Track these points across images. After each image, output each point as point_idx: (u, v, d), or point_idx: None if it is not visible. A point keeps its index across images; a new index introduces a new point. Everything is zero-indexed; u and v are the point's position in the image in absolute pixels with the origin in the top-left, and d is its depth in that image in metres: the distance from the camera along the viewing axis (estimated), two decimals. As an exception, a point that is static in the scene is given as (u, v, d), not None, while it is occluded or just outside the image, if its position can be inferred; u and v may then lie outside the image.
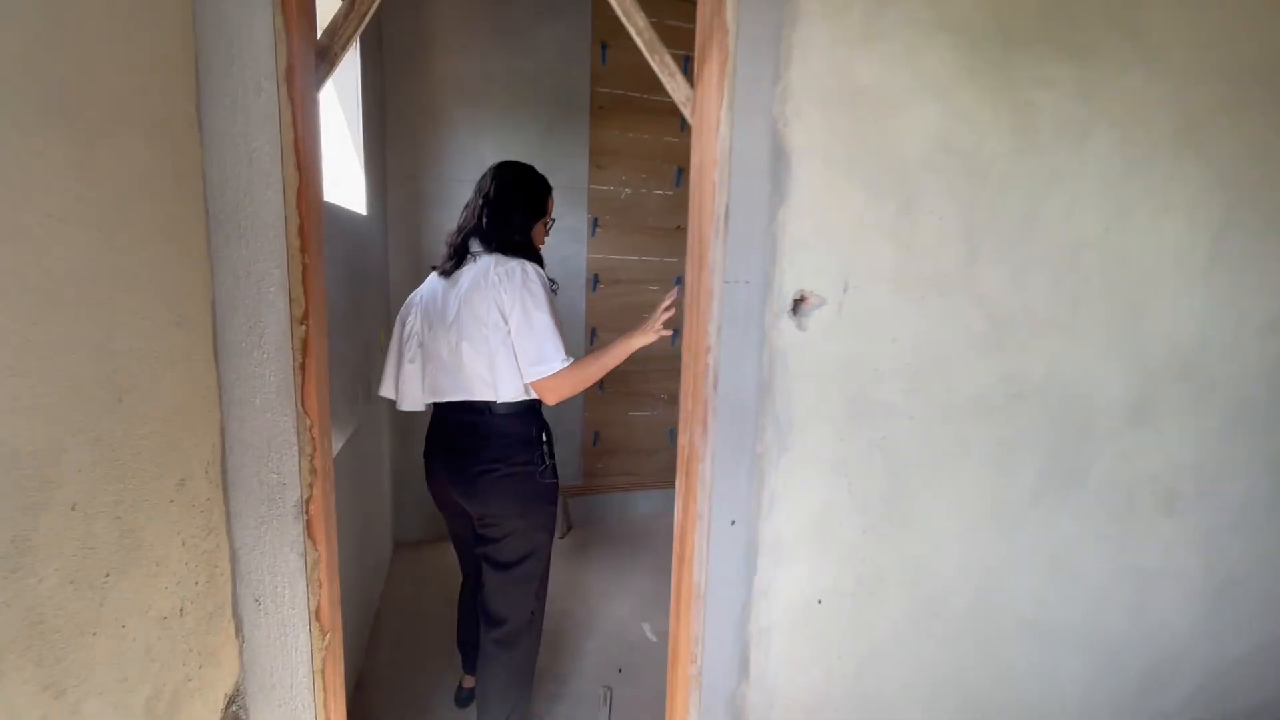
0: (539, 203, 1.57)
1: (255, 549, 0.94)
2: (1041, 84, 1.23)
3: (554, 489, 1.54)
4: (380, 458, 2.44)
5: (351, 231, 1.87)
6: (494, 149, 2.64)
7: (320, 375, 0.98)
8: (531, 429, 1.49)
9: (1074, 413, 1.38)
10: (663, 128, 2.83)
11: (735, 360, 1.14)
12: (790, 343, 1.17)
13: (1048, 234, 1.29)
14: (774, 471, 1.21)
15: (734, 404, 1.15)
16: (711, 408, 1.14)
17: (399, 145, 2.53)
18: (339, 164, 1.99)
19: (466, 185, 2.72)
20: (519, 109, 2.64)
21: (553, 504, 1.54)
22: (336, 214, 1.65)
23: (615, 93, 2.76)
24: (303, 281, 0.92)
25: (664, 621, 2.32)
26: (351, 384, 1.82)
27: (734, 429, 1.16)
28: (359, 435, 1.95)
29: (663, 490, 3.13)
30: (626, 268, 2.88)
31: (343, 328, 1.72)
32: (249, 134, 0.86)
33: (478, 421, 1.47)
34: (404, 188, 2.56)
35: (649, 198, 2.87)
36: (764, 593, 1.24)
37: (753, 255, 1.12)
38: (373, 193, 2.22)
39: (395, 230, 2.58)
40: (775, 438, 1.19)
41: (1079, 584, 1.47)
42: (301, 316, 0.92)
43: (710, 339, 1.12)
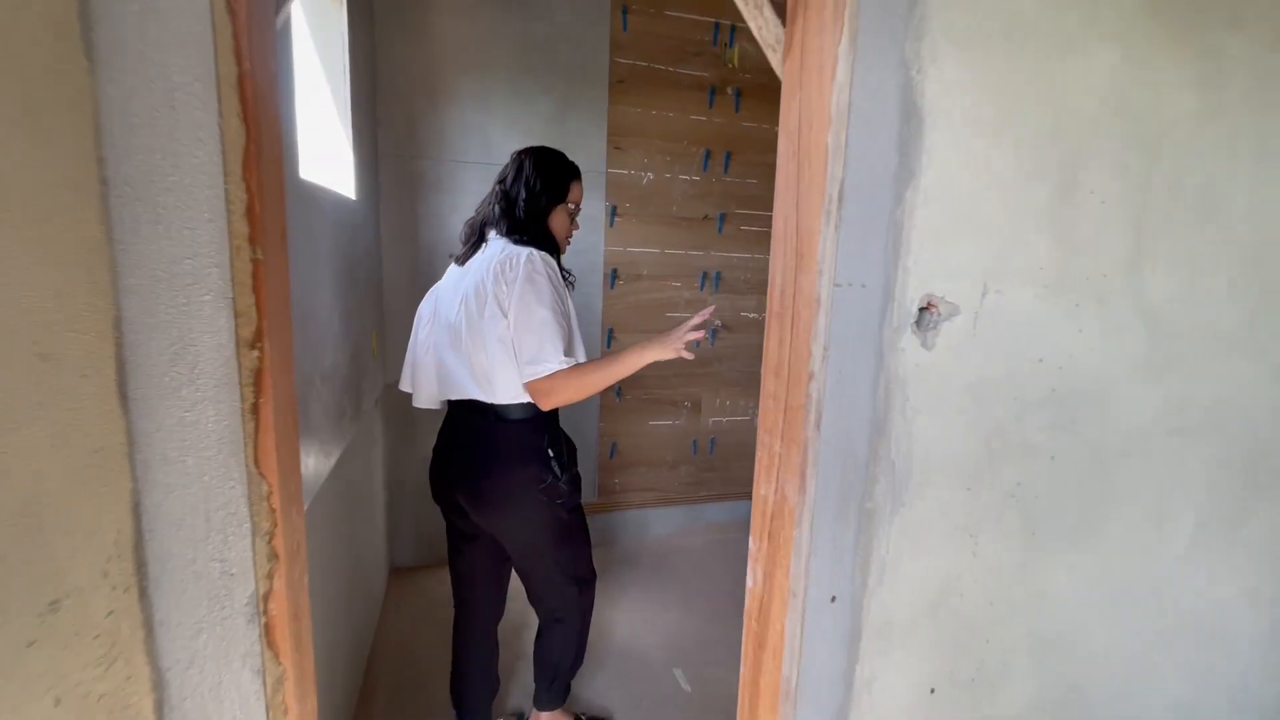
0: (558, 185, 1.41)
1: (192, 667, 0.66)
2: (1232, 26, 0.94)
3: (566, 509, 1.41)
4: (373, 476, 2.15)
5: (340, 219, 1.58)
6: (503, 126, 2.34)
7: (284, 418, 0.69)
8: (541, 439, 1.36)
9: (1242, 452, 1.10)
10: (689, 104, 2.53)
11: (844, 391, 0.85)
12: (913, 366, 0.88)
13: (1226, 225, 1.01)
14: (886, 534, 0.93)
15: (840, 448, 0.87)
16: (812, 454, 0.85)
17: (392, 119, 2.23)
18: (321, 136, 1.69)
19: (469, 167, 2.44)
20: (529, 79, 2.34)
21: (565, 521, 1.42)
22: (321, 197, 1.35)
23: (637, 64, 2.45)
24: (254, 287, 0.63)
25: (698, 666, 2.06)
26: (340, 399, 1.53)
27: (839, 480, 0.88)
28: (349, 455, 1.66)
29: (685, 506, 2.86)
30: (648, 261, 2.59)
31: (331, 335, 1.43)
32: (166, 62, 0.57)
33: (482, 426, 1.37)
34: (398, 169, 2.26)
35: (673, 183, 2.57)
36: (867, 686, 0.97)
37: (872, 250, 0.83)
38: (362, 174, 1.92)
39: (389, 217, 2.28)
40: (889, 490, 0.91)
41: (1236, 656, 1.20)
42: (253, 337, 0.63)
43: (814, 364, 0.84)
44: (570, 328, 1.32)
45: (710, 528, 2.91)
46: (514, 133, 2.35)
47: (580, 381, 1.27)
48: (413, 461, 2.43)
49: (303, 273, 1.19)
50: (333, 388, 1.45)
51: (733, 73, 2.56)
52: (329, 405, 1.41)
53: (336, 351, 1.48)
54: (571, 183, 1.43)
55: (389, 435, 2.40)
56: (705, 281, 2.68)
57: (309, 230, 1.24)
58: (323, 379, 1.34)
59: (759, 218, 2.71)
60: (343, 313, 1.56)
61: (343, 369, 1.56)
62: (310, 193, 1.26)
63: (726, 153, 2.60)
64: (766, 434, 0.94)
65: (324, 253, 1.37)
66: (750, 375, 2.82)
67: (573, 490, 1.44)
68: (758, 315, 2.78)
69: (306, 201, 1.23)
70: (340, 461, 1.56)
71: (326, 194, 1.42)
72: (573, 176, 1.43)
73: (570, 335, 1.31)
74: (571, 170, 1.44)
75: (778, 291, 0.91)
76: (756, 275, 2.75)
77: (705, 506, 2.88)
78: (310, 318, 1.25)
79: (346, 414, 1.63)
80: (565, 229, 1.45)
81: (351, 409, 1.68)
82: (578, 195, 1.45)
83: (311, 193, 1.27)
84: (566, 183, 1.42)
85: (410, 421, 2.40)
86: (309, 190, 1.25)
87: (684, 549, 2.79)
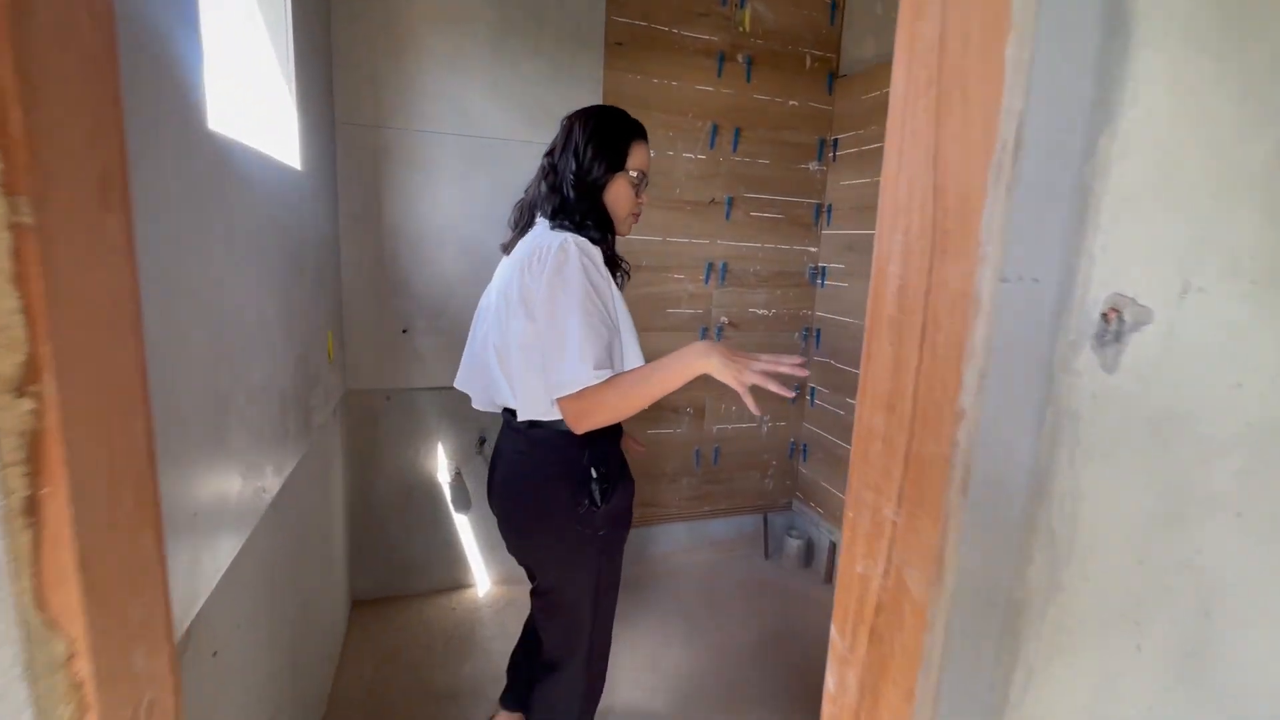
0: (616, 150, 1.20)
1: None
2: None
3: (603, 551, 1.24)
4: (330, 499, 1.84)
5: (278, 192, 1.26)
6: (482, 92, 2.02)
7: (108, 510, 0.39)
8: (580, 454, 1.19)
9: None
10: (695, 72, 2.24)
11: (1000, 435, 0.58)
12: (1088, 396, 0.61)
13: None
14: (1036, 630, 0.66)
15: (990, 517, 0.60)
16: (956, 528, 0.58)
17: (350, 80, 1.89)
18: (252, 88, 1.36)
19: (443, 139, 2.12)
20: (513, 39, 2.02)
21: (598, 567, 1.24)
22: (244, 160, 1.04)
23: (637, 24, 2.15)
24: (17, 278, 0.33)
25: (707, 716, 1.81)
26: (279, 416, 1.22)
27: (985, 562, 0.61)
28: (296, 480, 1.35)
29: (687, 522, 2.59)
30: (648, 250, 2.30)
31: (264, 338, 1.11)
32: None
33: (514, 438, 1.24)
34: (357, 139, 1.93)
35: (677, 162, 2.29)
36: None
37: (1050, 224, 0.56)
38: (311, 141, 1.59)
39: (347, 195, 1.95)
40: (1046, 570, 0.64)
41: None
42: (21, 375, 0.33)
43: (964, 397, 0.56)
44: (611, 332, 1.12)
45: (714, 545, 2.65)
46: (496, 100, 2.03)
47: (619, 397, 1.06)
48: (379, 478, 2.12)
49: (212, 258, 0.88)
50: (267, 404, 1.14)
51: (744, 38, 2.28)
52: (262, 427, 1.10)
53: (272, 359, 1.17)
54: (633, 143, 1.21)
55: (351, 448, 2.09)
56: (711, 273, 2.40)
57: (222, 201, 0.92)
58: (250, 397, 1.03)
59: (771, 202, 2.43)
60: (282, 310, 1.24)
61: (283, 379, 1.25)
62: (225, 151, 0.94)
63: (736, 128, 2.31)
64: (869, 491, 0.66)
65: (249, 233, 1.05)
66: (758, 377, 2.56)
67: (613, 529, 1.24)
68: (767, 312, 2.52)
69: (217, 161, 0.91)
70: (285, 489, 1.26)
71: (255, 157, 1.10)
72: (634, 136, 1.22)
73: (611, 341, 1.11)
74: (633, 129, 1.22)
75: (892, 290, 0.63)
76: (767, 267, 2.48)
77: (708, 523, 2.62)
78: (228, 319, 0.94)
79: (290, 432, 1.32)
80: (628, 202, 1.23)
81: (297, 425, 1.37)
82: (642, 160, 1.22)
83: (227, 152, 0.95)
84: (626, 144, 1.20)
85: (376, 432, 2.09)
86: (222, 147, 0.93)
87: (686, 570, 2.52)
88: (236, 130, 1.01)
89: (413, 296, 2.06)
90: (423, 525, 2.21)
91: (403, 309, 2.06)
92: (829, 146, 2.44)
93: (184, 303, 0.78)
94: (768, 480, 2.67)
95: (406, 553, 2.21)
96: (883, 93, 2.15)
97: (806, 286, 2.54)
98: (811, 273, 2.54)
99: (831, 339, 2.47)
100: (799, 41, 2.34)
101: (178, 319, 0.75)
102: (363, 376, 2.04)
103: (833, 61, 2.39)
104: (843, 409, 2.40)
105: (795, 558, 2.58)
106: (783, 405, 2.61)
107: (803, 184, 2.46)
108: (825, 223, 2.49)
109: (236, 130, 1.01)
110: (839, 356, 2.42)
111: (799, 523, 2.71)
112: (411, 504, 2.19)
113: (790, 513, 2.74)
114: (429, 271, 2.06)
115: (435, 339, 2.11)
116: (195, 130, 0.84)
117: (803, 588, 2.47)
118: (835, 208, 2.44)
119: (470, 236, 2.08)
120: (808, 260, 2.53)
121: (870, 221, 2.22)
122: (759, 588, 2.44)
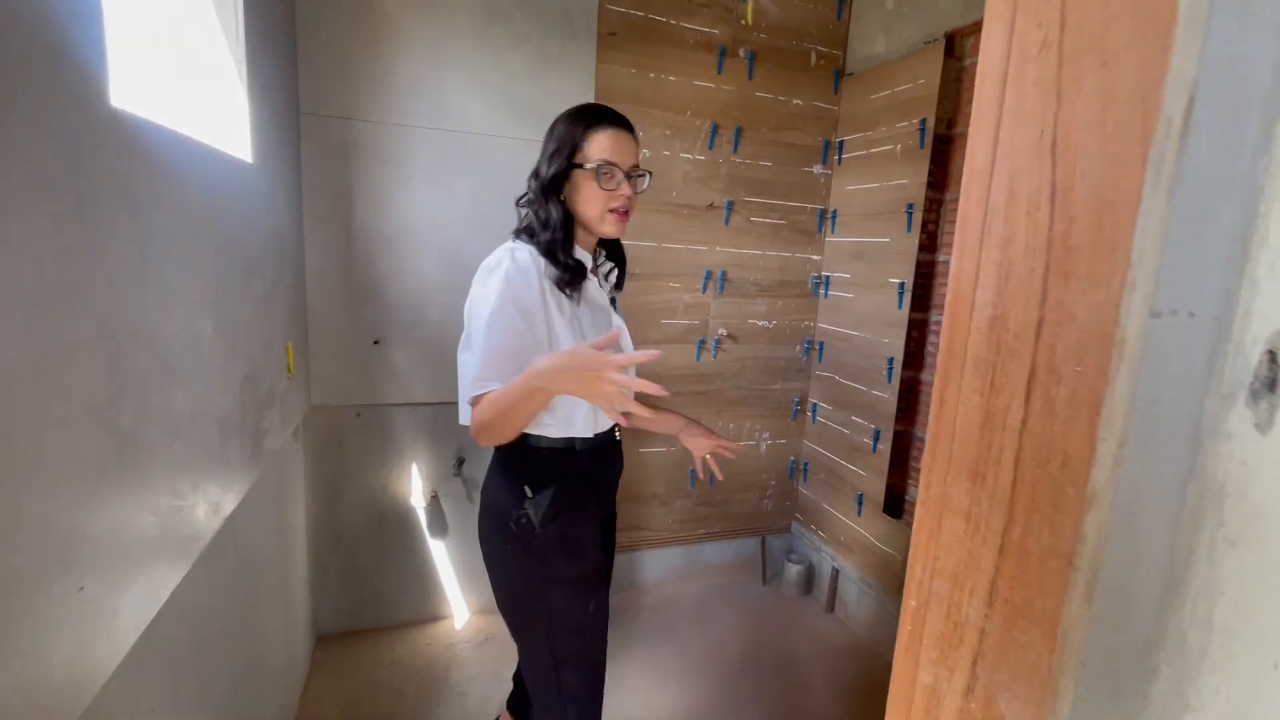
0: (568, 143, 1.10)
1: None
2: None
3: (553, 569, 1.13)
4: (288, 528, 1.66)
5: (220, 187, 1.09)
6: (464, 83, 1.86)
7: None
8: (519, 480, 1.12)
9: None
10: (694, 67, 2.10)
11: (1136, 521, 0.43)
12: (1239, 463, 0.47)
13: None
14: (1159, 762, 0.51)
15: (1113, 625, 0.45)
16: (1076, 645, 0.43)
17: (319, 67, 1.73)
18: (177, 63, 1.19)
19: (421, 134, 1.93)
20: (498, 26, 1.86)
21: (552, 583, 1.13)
22: (165, 145, 0.87)
23: (633, 13, 2.00)
24: None
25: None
26: (220, 444, 1.05)
27: (1106, 681, 0.46)
28: (244, 513, 1.18)
29: (680, 547, 2.43)
30: (642, 257, 2.15)
31: (198, 357, 0.94)
32: None
33: (493, 454, 1.21)
34: (324, 131, 1.76)
35: (673, 163, 2.14)
36: None
37: (1212, 242, 0.41)
38: (267, 132, 1.42)
39: (312, 193, 1.78)
40: (1173, 684, 0.49)
41: None
42: None
43: (1097, 475, 0.41)
44: (528, 347, 1.04)
45: (709, 571, 2.49)
46: (478, 92, 1.87)
47: (491, 413, 1.00)
48: (347, 502, 1.94)
49: (114, 263, 0.71)
50: (200, 434, 0.97)
51: (746, 32, 2.13)
52: (192, 461, 0.93)
53: (208, 382, 1.00)
54: (592, 132, 1.09)
55: (316, 471, 1.91)
56: (709, 282, 2.25)
57: (130, 194, 0.76)
58: (171, 429, 0.86)
59: (773, 207, 2.29)
60: (223, 324, 1.07)
61: (224, 404, 1.08)
62: (136, 135, 0.77)
63: (737, 127, 2.17)
64: (944, 581, 0.51)
65: (175, 234, 0.88)
66: (756, 394, 2.41)
67: (566, 561, 1.12)
68: (767, 323, 2.37)
69: (125, 146, 0.75)
70: (230, 524, 1.09)
71: (185, 145, 0.93)
72: (593, 123, 1.10)
73: (525, 356, 1.02)
74: (592, 116, 1.11)
75: (980, 323, 0.48)
76: (768, 276, 2.33)
77: (703, 546, 2.47)
78: (138, 338, 0.77)
79: (235, 462, 1.15)
80: (597, 199, 1.10)
81: (244, 453, 1.19)
82: (606, 148, 1.09)
83: (140, 135, 0.79)
84: (582, 134, 1.09)
85: (344, 452, 1.91)
86: (132, 130, 0.76)
87: (680, 598, 2.36)
88: (161, 113, 0.85)
89: (386, 305, 1.89)
90: (395, 553, 2.04)
91: (374, 318, 1.89)
92: (834, 149, 2.31)
93: (63, 319, 0.61)
94: (766, 501, 2.52)
95: (376, 583, 2.03)
96: (894, 92, 2.02)
97: (808, 297, 2.40)
98: (814, 282, 2.40)
99: (835, 353, 2.33)
100: (804, 37, 2.20)
101: (50, 339, 0.59)
102: (329, 392, 1.87)
103: (839, 59, 2.26)
104: (847, 427, 2.26)
105: (795, 584, 2.43)
106: (783, 422, 2.47)
107: (805, 188, 2.32)
108: (830, 229, 2.35)
109: (161, 113, 0.85)
110: (843, 371, 2.28)
111: (798, 546, 2.56)
112: (383, 530, 2.01)
113: (789, 535, 2.60)
114: (404, 277, 1.89)
115: (411, 351, 1.94)
116: (90, 106, 0.67)
117: (804, 617, 2.32)
118: (840, 213, 2.30)
119: (450, 239, 1.91)
120: (810, 269, 2.39)
121: (880, 229, 2.09)
122: (758, 618, 2.29)
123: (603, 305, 1.21)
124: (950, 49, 1.84)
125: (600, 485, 1.23)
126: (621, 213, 1.12)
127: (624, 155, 1.10)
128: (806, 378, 2.47)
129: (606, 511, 1.30)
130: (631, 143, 1.13)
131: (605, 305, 1.22)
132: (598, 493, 1.22)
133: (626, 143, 1.11)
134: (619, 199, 1.11)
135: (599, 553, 1.22)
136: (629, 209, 1.13)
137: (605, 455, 1.22)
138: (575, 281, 1.12)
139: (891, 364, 2.02)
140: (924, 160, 1.90)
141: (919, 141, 1.91)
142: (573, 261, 1.12)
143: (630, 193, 1.12)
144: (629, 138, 1.12)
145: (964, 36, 1.84)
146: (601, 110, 1.12)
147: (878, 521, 2.11)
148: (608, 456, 1.23)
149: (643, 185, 1.15)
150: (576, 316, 1.13)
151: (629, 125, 1.13)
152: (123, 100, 0.73)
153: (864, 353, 2.16)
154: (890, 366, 2.02)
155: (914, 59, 1.94)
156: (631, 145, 1.12)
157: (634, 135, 1.14)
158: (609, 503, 1.30)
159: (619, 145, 1.10)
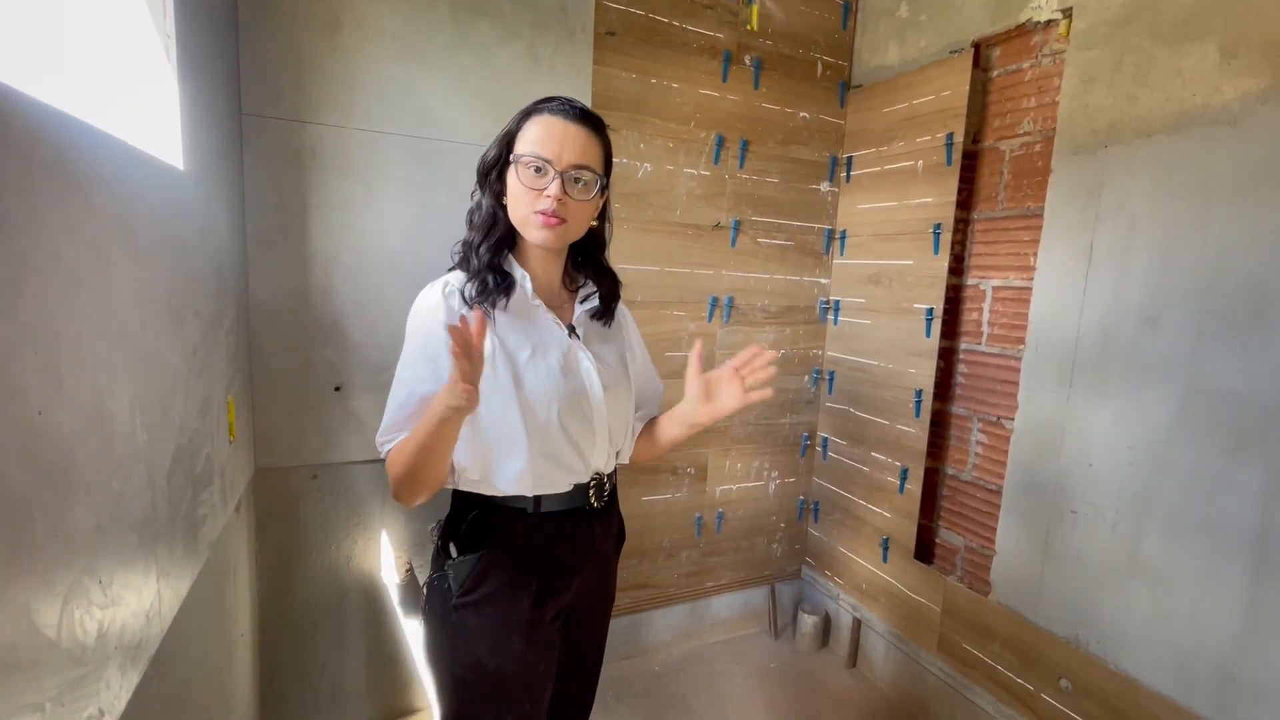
0: (505, 137, 0.96)
1: None
2: None
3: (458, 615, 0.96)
4: (230, 624, 1.31)
5: (140, 195, 0.78)
6: (443, 84, 1.59)
7: None
8: (448, 536, 1.00)
9: None
10: (698, 74, 1.90)
11: None
12: None
13: None
14: None
15: None
16: None
17: (264, 59, 1.42)
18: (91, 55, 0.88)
19: (391, 141, 1.59)
20: (483, 20, 1.61)
21: (457, 633, 0.96)
22: (67, 133, 0.58)
23: (633, 12, 1.79)
24: None
25: None
26: (144, 557, 0.74)
27: None
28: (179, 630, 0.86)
29: (689, 603, 2.18)
30: (644, 283, 1.91)
31: (97, 448, 0.64)
32: None
33: None
34: (273, 137, 1.45)
35: (677, 179, 1.92)
36: None
37: None
38: (202, 133, 1.11)
39: (257, 210, 1.46)
40: None
41: None
42: None
43: None
44: (426, 394, 0.91)
45: (718, 626, 2.25)
46: (460, 95, 1.61)
47: (397, 465, 0.90)
48: (301, 581, 1.60)
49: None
50: (112, 549, 0.66)
51: (752, 37, 1.96)
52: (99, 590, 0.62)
53: (126, 474, 0.69)
54: (525, 121, 0.94)
55: (263, 547, 1.56)
56: (715, 309, 2.04)
57: None
58: (63, 557, 0.55)
59: (780, 228, 2.11)
60: (143, 393, 0.76)
61: (144, 503, 0.77)
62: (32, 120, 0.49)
63: (743, 141, 1.99)
64: None
65: (75, 268, 0.59)
66: (766, 430, 2.21)
67: (477, 610, 0.95)
68: (776, 353, 2.17)
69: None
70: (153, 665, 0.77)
71: (85, 133, 0.64)
72: (530, 111, 0.94)
73: (427, 404, 0.88)
74: (534, 103, 0.95)
75: None
76: (775, 301, 2.14)
77: (710, 601, 2.22)
78: (14, 430, 0.47)
79: (162, 572, 0.83)
80: (521, 199, 0.93)
81: (173, 556, 0.87)
82: (531, 138, 0.92)
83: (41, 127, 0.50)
84: (516, 124, 0.95)
85: (297, 521, 1.57)
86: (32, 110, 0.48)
87: (688, 662, 2.11)
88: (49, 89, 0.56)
89: (348, 344, 1.58)
90: (360, 640, 1.69)
91: (335, 361, 1.57)
92: (841, 165, 2.16)
93: None
94: (775, 546, 2.31)
95: (338, 676, 1.68)
96: (912, 105, 1.88)
97: (816, 323, 2.23)
98: (822, 307, 2.23)
99: (848, 384, 2.16)
100: (810, 45, 2.05)
101: None
102: (278, 452, 1.53)
103: (845, 70, 2.12)
104: (866, 464, 2.08)
105: (811, 636, 2.22)
106: (792, 459, 2.27)
107: (813, 207, 2.16)
108: (839, 251, 2.19)
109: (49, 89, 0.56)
110: (860, 404, 2.10)
111: (809, 594, 2.36)
112: (345, 613, 1.67)
113: (799, 581, 2.39)
114: (371, 311, 1.59)
115: (379, 397, 1.61)
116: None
117: (825, 674, 2.10)
118: (850, 234, 2.15)
119: (425, 265, 1.62)
120: (818, 293, 2.22)
121: (901, 251, 1.94)
122: (776, 679, 2.06)
123: (554, 334, 0.98)
124: (975, 59, 1.72)
125: (561, 566, 0.99)
126: (550, 216, 0.91)
127: (559, 149, 0.90)
128: (815, 410, 2.28)
129: (575, 603, 1.04)
130: (578, 136, 0.92)
131: (558, 334, 0.99)
132: (555, 575, 0.98)
133: (567, 135, 0.91)
134: (545, 200, 0.90)
135: (539, 656, 0.97)
136: (561, 215, 0.91)
137: (573, 528, 0.99)
138: (487, 295, 0.93)
139: (920, 396, 1.86)
140: (951, 177, 1.76)
141: (945, 157, 1.77)
142: (490, 268, 0.95)
143: (559, 194, 0.90)
144: (576, 130, 0.91)
145: (990, 46, 1.73)
146: (551, 98, 0.94)
147: (908, 568, 1.93)
148: (578, 530, 1.00)
149: (584, 190, 0.93)
150: (500, 343, 0.94)
151: (583, 117, 0.93)
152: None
153: (884, 384, 2.00)
154: (919, 399, 1.86)
155: (935, 69, 1.81)
156: (577, 138, 0.91)
157: (588, 129, 0.93)
158: (582, 591, 1.04)
159: (552, 135, 0.90)
